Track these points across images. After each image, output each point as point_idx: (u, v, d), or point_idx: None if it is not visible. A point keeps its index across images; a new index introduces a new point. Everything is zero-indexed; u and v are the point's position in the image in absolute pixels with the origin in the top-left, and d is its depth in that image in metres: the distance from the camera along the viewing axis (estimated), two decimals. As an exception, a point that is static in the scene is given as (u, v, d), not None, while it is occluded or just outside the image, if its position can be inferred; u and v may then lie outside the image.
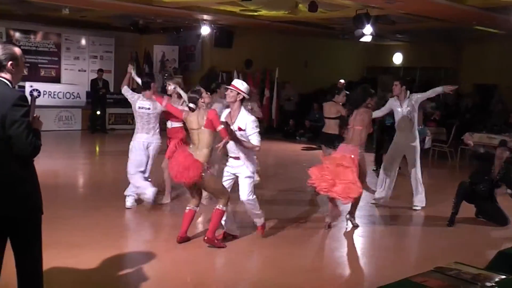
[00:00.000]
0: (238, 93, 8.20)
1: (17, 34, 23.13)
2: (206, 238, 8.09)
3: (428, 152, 18.14)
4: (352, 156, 9.28)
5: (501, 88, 23.43)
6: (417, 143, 11.12)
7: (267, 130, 21.47)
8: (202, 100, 8.08)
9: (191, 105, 8.09)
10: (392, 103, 11.17)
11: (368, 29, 16.57)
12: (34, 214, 4.94)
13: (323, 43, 26.64)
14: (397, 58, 28.43)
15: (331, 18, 18.66)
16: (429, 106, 16.11)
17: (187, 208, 8.36)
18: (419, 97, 11.07)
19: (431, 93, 11.19)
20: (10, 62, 4.79)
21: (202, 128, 7.98)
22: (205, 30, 21.85)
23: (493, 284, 3.84)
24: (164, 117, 10.34)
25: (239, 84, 8.28)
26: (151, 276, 6.91)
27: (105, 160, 11.06)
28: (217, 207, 8.12)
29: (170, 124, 10.54)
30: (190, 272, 7.35)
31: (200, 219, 9.64)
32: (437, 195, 12.52)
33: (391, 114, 11.63)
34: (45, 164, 13.26)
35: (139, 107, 10.23)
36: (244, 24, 21.12)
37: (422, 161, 11.47)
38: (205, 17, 20.09)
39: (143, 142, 10.24)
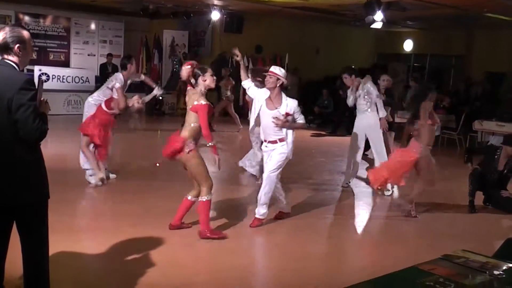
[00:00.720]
0: (278, 79, 8.25)
1: (26, 18, 23.06)
2: (199, 232, 7.91)
3: (437, 140, 18.09)
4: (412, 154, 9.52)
5: (509, 76, 23.32)
6: (377, 122, 11.25)
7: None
8: (204, 79, 7.75)
9: (192, 80, 7.80)
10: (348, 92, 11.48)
11: (379, 16, 16.47)
12: (40, 199, 4.92)
13: (334, 30, 26.56)
14: (408, 45, 28.29)
15: (342, 4, 18.56)
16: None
17: (186, 197, 8.21)
18: (371, 90, 11.21)
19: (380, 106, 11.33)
20: (17, 45, 4.75)
21: (188, 109, 7.78)
22: (215, 15, 21.79)
23: (501, 272, 3.81)
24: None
25: (277, 70, 8.35)
26: (157, 262, 6.90)
27: (113, 145, 11.04)
28: (200, 199, 7.86)
29: (103, 106, 10.47)
30: (197, 258, 7.34)
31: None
32: (446, 183, 12.49)
33: None
34: (53, 148, 13.30)
35: None
36: (255, 10, 21.06)
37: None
38: (215, 2, 20.05)
39: None
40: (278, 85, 8.28)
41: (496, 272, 3.81)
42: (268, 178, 8.42)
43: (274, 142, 8.40)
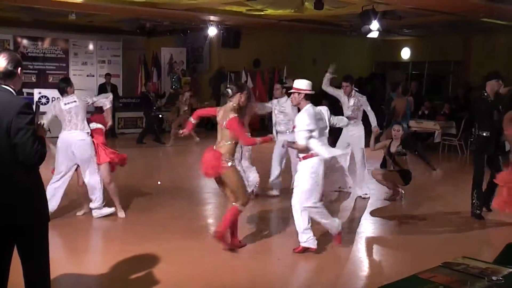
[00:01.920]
0: (299, 93, 8.00)
1: (25, 41, 23.14)
2: (215, 232, 8.08)
3: (438, 146, 18.12)
4: None
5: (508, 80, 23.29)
6: (361, 133, 11.79)
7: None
8: (240, 97, 7.91)
9: (229, 90, 7.98)
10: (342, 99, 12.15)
11: (375, 25, 16.52)
12: (40, 221, 4.94)
13: (331, 40, 26.59)
14: (405, 53, 28.32)
15: (338, 15, 18.59)
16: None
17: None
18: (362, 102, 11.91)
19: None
20: (19, 68, 4.84)
21: (222, 127, 7.90)
22: (212, 31, 21.80)
23: (500, 277, 3.82)
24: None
25: (299, 84, 8.06)
26: (153, 281, 6.90)
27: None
28: (234, 204, 7.97)
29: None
30: (193, 274, 7.30)
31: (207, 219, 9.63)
32: (447, 189, 12.53)
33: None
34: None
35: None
36: (251, 24, 21.09)
37: (431, 155, 11.46)
38: (212, 18, 20.07)
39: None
40: (302, 98, 8.01)
41: (494, 278, 3.83)
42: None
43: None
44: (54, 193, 9.36)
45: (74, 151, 9.48)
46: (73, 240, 8.44)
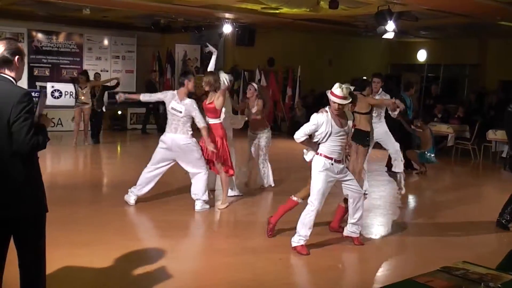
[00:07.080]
0: None
1: (39, 35, 23.19)
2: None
3: (451, 150, 17.96)
4: None
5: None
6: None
7: (290, 128, 21.61)
8: None
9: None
10: None
11: (390, 26, 16.38)
12: (37, 213, 4.89)
13: (347, 41, 26.49)
14: (421, 55, 28.17)
15: (353, 15, 18.51)
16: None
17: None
18: None
19: None
20: (17, 57, 4.78)
21: None
22: (227, 29, 21.68)
23: (499, 285, 3.70)
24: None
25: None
26: (160, 276, 6.84)
27: (125, 159, 10.93)
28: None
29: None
30: (189, 271, 7.25)
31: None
32: (457, 194, 12.40)
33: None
34: (65, 164, 13.27)
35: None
36: (266, 22, 21.02)
37: (444, 159, 11.31)
38: (227, 15, 20.01)
39: None
40: None
41: (492, 284, 3.71)
42: None
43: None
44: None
45: None
46: (75, 233, 8.37)
